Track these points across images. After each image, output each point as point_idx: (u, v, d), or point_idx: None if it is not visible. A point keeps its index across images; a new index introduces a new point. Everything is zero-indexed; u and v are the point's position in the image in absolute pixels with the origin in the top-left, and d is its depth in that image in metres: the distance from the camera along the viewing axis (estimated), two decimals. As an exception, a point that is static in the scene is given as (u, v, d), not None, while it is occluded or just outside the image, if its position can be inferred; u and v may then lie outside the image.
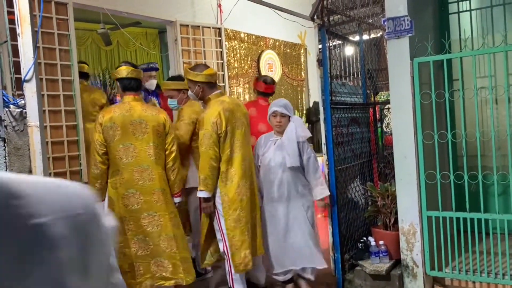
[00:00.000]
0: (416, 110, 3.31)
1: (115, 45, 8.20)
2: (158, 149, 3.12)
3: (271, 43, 6.72)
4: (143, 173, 3.06)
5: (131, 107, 3.10)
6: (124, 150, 3.06)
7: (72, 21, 4.06)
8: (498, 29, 3.89)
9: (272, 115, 3.46)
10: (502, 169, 3.27)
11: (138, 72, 3.20)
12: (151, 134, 3.08)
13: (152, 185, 3.07)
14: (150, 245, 3.06)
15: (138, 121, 3.07)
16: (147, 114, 3.11)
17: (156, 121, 3.12)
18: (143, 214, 3.06)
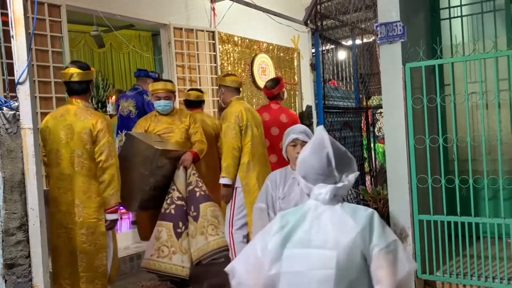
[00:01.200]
0: (408, 114, 3.34)
1: (108, 48, 8.18)
2: (83, 158, 2.84)
3: (265, 47, 6.74)
4: (63, 182, 2.85)
5: (66, 111, 2.90)
6: (51, 155, 2.89)
7: (65, 23, 4.06)
8: (488, 35, 3.94)
9: (290, 144, 2.55)
10: (493, 173, 3.31)
11: (83, 75, 2.91)
12: (76, 141, 2.83)
13: (67, 196, 2.84)
14: (61, 257, 2.87)
15: (67, 126, 2.84)
16: (76, 119, 2.86)
17: (82, 127, 2.83)
18: (59, 223, 2.86)
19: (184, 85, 5.36)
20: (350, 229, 1.43)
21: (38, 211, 2.08)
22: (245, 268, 1.56)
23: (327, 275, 1.38)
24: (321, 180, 1.50)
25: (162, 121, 3.64)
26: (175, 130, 3.62)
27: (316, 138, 1.54)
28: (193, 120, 3.71)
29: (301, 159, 1.56)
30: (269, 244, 1.47)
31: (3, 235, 2.02)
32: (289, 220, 1.50)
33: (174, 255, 3.36)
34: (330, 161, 1.48)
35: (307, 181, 1.53)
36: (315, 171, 1.50)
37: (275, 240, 1.47)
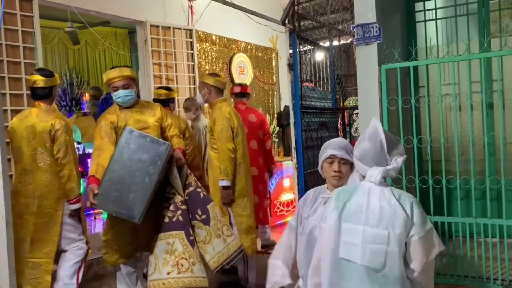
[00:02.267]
0: (383, 115, 3.37)
1: (83, 45, 8.03)
2: (45, 155, 3.13)
3: (243, 46, 6.72)
4: (25, 176, 3.14)
5: (30, 113, 3.19)
6: (15, 152, 3.20)
7: (37, 18, 3.95)
8: (462, 38, 4.02)
9: (326, 161, 2.25)
10: (465, 174, 3.37)
11: (46, 81, 3.18)
12: (38, 140, 3.11)
13: (28, 189, 3.12)
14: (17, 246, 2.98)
15: (30, 127, 3.12)
16: (38, 121, 3.13)
17: (43, 128, 3.11)
18: (16, 214, 3.01)
19: (161, 84, 5.29)
20: (399, 213, 1.70)
21: (5, 211, 2.00)
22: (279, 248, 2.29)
23: (380, 248, 1.70)
24: (375, 163, 1.77)
25: (130, 115, 3.09)
26: (150, 125, 3.12)
27: (371, 127, 1.81)
28: (164, 112, 3.26)
29: (358, 144, 1.84)
30: (328, 219, 1.79)
31: (-33, 236, 1.95)
32: (344, 198, 1.79)
33: (194, 266, 2.99)
34: (383, 146, 1.75)
35: (362, 163, 1.80)
36: (370, 156, 1.78)
37: (333, 216, 1.77)
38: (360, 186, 1.81)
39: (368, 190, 1.77)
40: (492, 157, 3.58)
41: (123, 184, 2.79)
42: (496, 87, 3.51)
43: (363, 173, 1.84)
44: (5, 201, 1.99)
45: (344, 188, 1.89)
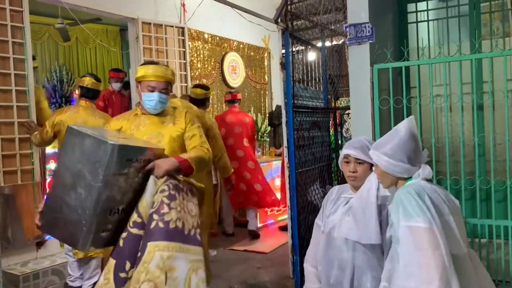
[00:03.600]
0: (375, 115, 3.38)
1: (74, 41, 7.95)
2: None
3: (235, 45, 6.70)
4: None
5: (78, 110, 3.72)
6: None
7: (27, 13, 3.89)
8: (453, 39, 4.05)
9: (344, 161, 2.23)
10: (455, 174, 3.39)
11: (97, 84, 3.83)
12: None
13: None
14: None
15: (81, 122, 3.59)
16: (89, 118, 3.67)
17: (96, 124, 3.59)
18: None
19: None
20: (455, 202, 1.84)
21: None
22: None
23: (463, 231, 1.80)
24: (418, 160, 1.81)
25: (146, 122, 2.51)
26: (166, 137, 2.48)
27: (408, 126, 1.82)
28: (190, 120, 2.59)
29: (400, 146, 1.81)
30: (433, 222, 1.66)
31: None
32: (426, 197, 1.72)
33: None
34: (419, 143, 1.83)
35: (412, 163, 1.80)
36: (416, 153, 1.81)
37: (434, 214, 1.68)
38: (423, 185, 1.78)
39: (431, 187, 1.79)
40: (482, 158, 3.61)
41: (63, 202, 2.04)
42: (487, 89, 3.54)
43: (408, 174, 1.82)
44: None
45: (426, 189, 1.76)
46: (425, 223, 1.63)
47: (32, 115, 3.86)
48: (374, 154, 1.89)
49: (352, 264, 2.12)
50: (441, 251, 1.59)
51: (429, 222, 1.63)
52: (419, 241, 1.62)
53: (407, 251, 1.64)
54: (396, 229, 1.72)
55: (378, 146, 1.89)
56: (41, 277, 3.74)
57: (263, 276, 3.97)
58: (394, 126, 1.93)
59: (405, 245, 1.65)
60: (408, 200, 1.70)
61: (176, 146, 2.50)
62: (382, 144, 1.87)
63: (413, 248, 1.62)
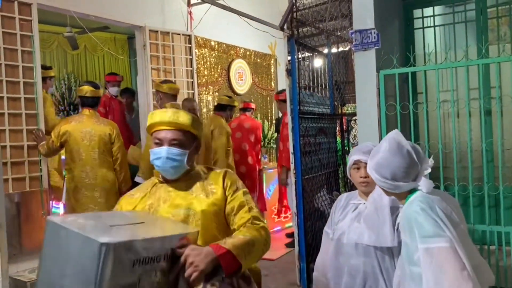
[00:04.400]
0: (382, 121, 3.37)
1: (82, 50, 8.03)
2: (104, 154, 3.77)
3: (242, 52, 6.73)
4: (88, 173, 3.71)
5: (83, 120, 3.80)
6: (74, 153, 3.73)
7: (36, 22, 3.94)
8: (460, 45, 4.03)
9: (353, 167, 2.19)
10: (463, 180, 3.36)
11: (96, 92, 3.89)
12: (97, 142, 3.74)
13: (95, 183, 3.71)
14: None
15: (87, 130, 3.74)
16: (94, 127, 3.78)
17: (103, 131, 3.78)
18: (87, 206, 3.68)
19: (159, 89, 5.29)
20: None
21: (-2, 214, 1.99)
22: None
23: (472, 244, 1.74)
24: (408, 175, 1.71)
25: (165, 196, 1.81)
26: (197, 212, 1.75)
27: (391, 141, 1.73)
28: (231, 184, 1.84)
29: (382, 164, 1.72)
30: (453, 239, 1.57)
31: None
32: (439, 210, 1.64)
33: None
34: (412, 156, 1.70)
35: (397, 180, 1.70)
36: (402, 170, 1.69)
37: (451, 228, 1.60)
38: (431, 197, 1.69)
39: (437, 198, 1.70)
40: (490, 163, 3.57)
41: None
42: (494, 94, 3.51)
43: (400, 190, 1.73)
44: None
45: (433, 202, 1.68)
46: (446, 242, 1.54)
47: (40, 123, 3.90)
48: (368, 165, 1.83)
49: (363, 270, 2.08)
50: (467, 270, 1.51)
51: (449, 240, 1.54)
52: (443, 264, 1.52)
53: (432, 276, 1.54)
54: (412, 250, 1.63)
55: (370, 157, 1.83)
56: (48, 283, 3.74)
57: (270, 283, 3.96)
58: (382, 141, 1.83)
59: (429, 270, 1.54)
60: (422, 218, 1.61)
61: (212, 220, 1.75)
62: (372, 157, 1.81)
63: (439, 272, 1.53)
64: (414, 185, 1.74)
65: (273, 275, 4.16)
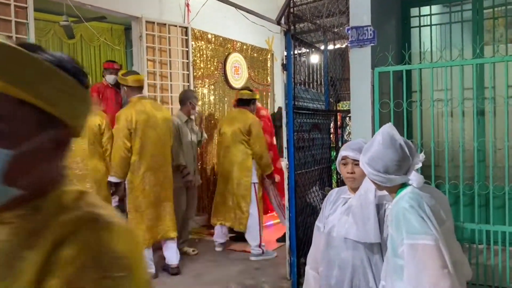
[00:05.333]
0: (375, 118, 3.38)
1: (78, 39, 7.98)
2: (94, 145, 3.81)
3: (239, 46, 6.72)
4: (79, 164, 3.72)
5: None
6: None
7: (31, 9, 3.92)
8: (455, 44, 4.05)
9: (341, 163, 2.24)
10: (454, 179, 3.39)
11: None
12: (86, 132, 3.71)
13: (85, 174, 3.74)
14: None
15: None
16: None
17: (92, 122, 3.77)
18: None
19: (154, 80, 5.27)
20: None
21: None
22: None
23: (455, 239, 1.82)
24: (401, 168, 1.73)
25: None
26: None
27: (384, 134, 1.75)
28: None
29: (376, 157, 1.75)
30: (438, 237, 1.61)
31: None
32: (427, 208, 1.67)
33: None
34: (404, 150, 1.72)
35: (389, 173, 1.73)
36: (395, 163, 1.72)
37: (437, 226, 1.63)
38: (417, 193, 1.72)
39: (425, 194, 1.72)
40: (481, 163, 3.60)
41: None
42: (487, 94, 3.53)
43: (391, 184, 1.76)
44: None
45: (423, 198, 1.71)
46: (431, 240, 1.59)
47: (34, 110, 3.89)
48: (360, 159, 1.86)
49: (352, 263, 2.12)
50: (449, 268, 1.56)
51: (435, 238, 1.59)
52: (426, 260, 1.58)
53: (414, 271, 1.60)
54: (397, 243, 1.68)
55: (363, 151, 1.85)
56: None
57: (260, 276, 3.98)
58: (375, 135, 1.85)
59: (412, 264, 1.60)
60: (410, 215, 1.64)
61: None
62: (365, 151, 1.83)
63: (422, 267, 1.58)
64: (406, 178, 1.76)
65: (264, 269, 4.18)
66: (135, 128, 3.81)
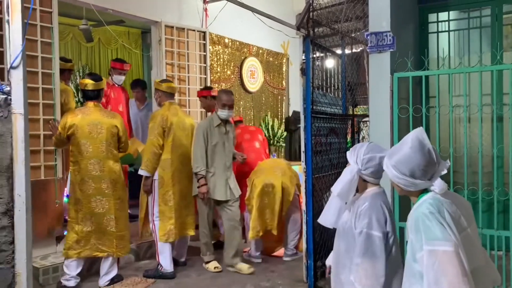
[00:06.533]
0: (394, 123, 3.40)
1: (96, 42, 8.11)
2: (110, 147, 3.78)
3: (255, 50, 6.78)
4: (95, 166, 3.70)
5: (90, 112, 3.75)
6: (81, 146, 3.68)
7: (56, 14, 4.03)
8: (473, 50, 4.05)
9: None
10: (472, 185, 3.39)
11: (95, 85, 3.79)
12: (105, 135, 3.73)
13: (102, 175, 3.72)
14: (93, 223, 3.70)
15: (95, 123, 3.70)
16: (102, 119, 3.75)
17: (110, 124, 3.77)
18: (94, 197, 3.69)
19: (173, 84, 5.35)
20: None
21: (25, 197, 2.05)
22: None
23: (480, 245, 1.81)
24: (426, 173, 1.74)
25: None
26: None
27: (414, 138, 1.74)
28: None
29: (403, 160, 1.74)
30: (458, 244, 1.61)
31: (-12, 220, 1.98)
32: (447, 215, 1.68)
33: None
34: (432, 155, 1.73)
35: (415, 178, 1.73)
36: (422, 167, 1.72)
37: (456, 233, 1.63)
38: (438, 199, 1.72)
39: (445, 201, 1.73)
40: (500, 169, 3.60)
41: None
42: (506, 100, 3.53)
43: (415, 188, 1.76)
44: (25, 188, 2.04)
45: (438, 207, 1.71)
46: (451, 247, 1.59)
47: (56, 113, 3.98)
48: (385, 162, 1.86)
49: (336, 250, 2.26)
50: (467, 276, 1.57)
51: (455, 245, 1.59)
52: (446, 267, 1.58)
53: (433, 277, 1.60)
54: (416, 248, 1.69)
55: (389, 154, 1.85)
56: (60, 270, 3.83)
57: (276, 279, 4.01)
58: (403, 139, 1.84)
59: (431, 270, 1.60)
60: (430, 221, 1.65)
61: None
62: (391, 154, 1.83)
63: (441, 274, 1.58)
64: (429, 184, 1.77)
65: (280, 272, 4.21)
66: (169, 128, 4.07)
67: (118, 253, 3.80)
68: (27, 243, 2.06)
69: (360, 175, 2.21)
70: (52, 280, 3.81)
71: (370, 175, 2.20)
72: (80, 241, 3.65)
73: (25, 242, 2.05)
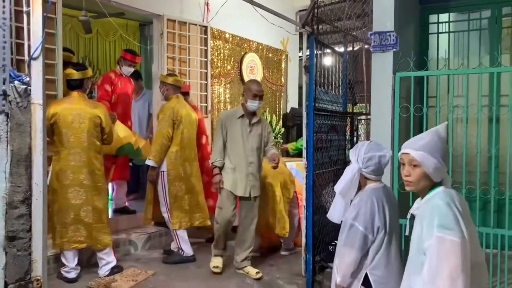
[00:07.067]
0: (395, 122, 3.46)
1: (95, 34, 8.07)
2: (93, 137, 3.69)
3: (255, 46, 6.80)
4: (75, 156, 3.62)
5: (73, 101, 3.69)
6: (63, 135, 3.61)
7: (60, 4, 4.03)
8: (473, 51, 4.13)
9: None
10: (469, 184, 3.47)
11: (78, 74, 3.74)
12: (87, 125, 3.65)
13: (81, 165, 3.63)
14: (71, 215, 3.61)
15: (77, 113, 3.63)
16: (86, 108, 3.68)
17: (93, 114, 3.68)
18: (72, 188, 3.61)
19: (173, 77, 5.36)
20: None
21: (42, 186, 2.08)
22: None
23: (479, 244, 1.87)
24: (446, 162, 1.84)
25: None
26: None
27: (439, 129, 1.87)
28: None
29: (434, 144, 1.83)
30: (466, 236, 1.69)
31: (7, 207, 2.01)
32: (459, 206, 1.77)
33: None
34: (447, 148, 1.84)
35: (444, 162, 1.82)
36: (445, 153, 1.85)
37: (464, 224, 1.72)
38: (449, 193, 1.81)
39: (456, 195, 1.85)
40: (497, 169, 3.68)
41: None
42: (505, 102, 3.60)
43: (440, 174, 1.82)
44: (43, 177, 2.07)
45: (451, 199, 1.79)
46: (459, 238, 1.66)
47: (59, 103, 3.97)
48: (418, 154, 1.81)
49: (338, 241, 2.41)
50: (467, 271, 1.64)
51: (462, 236, 1.67)
52: (450, 255, 1.65)
53: (436, 262, 1.67)
54: (424, 237, 1.74)
55: (414, 142, 1.87)
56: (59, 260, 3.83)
57: (275, 273, 4.06)
58: (427, 130, 1.96)
59: (435, 255, 1.67)
60: (447, 211, 1.72)
61: None
62: (417, 140, 1.87)
63: (444, 261, 1.65)
64: (444, 175, 1.86)
65: (279, 265, 4.27)
66: (179, 121, 4.16)
67: (98, 245, 3.72)
68: (43, 231, 2.09)
69: (361, 173, 2.31)
70: (53, 271, 3.82)
71: (370, 173, 2.31)
72: (59, 232, 3.60)
73: (41, 230, 2.08)
